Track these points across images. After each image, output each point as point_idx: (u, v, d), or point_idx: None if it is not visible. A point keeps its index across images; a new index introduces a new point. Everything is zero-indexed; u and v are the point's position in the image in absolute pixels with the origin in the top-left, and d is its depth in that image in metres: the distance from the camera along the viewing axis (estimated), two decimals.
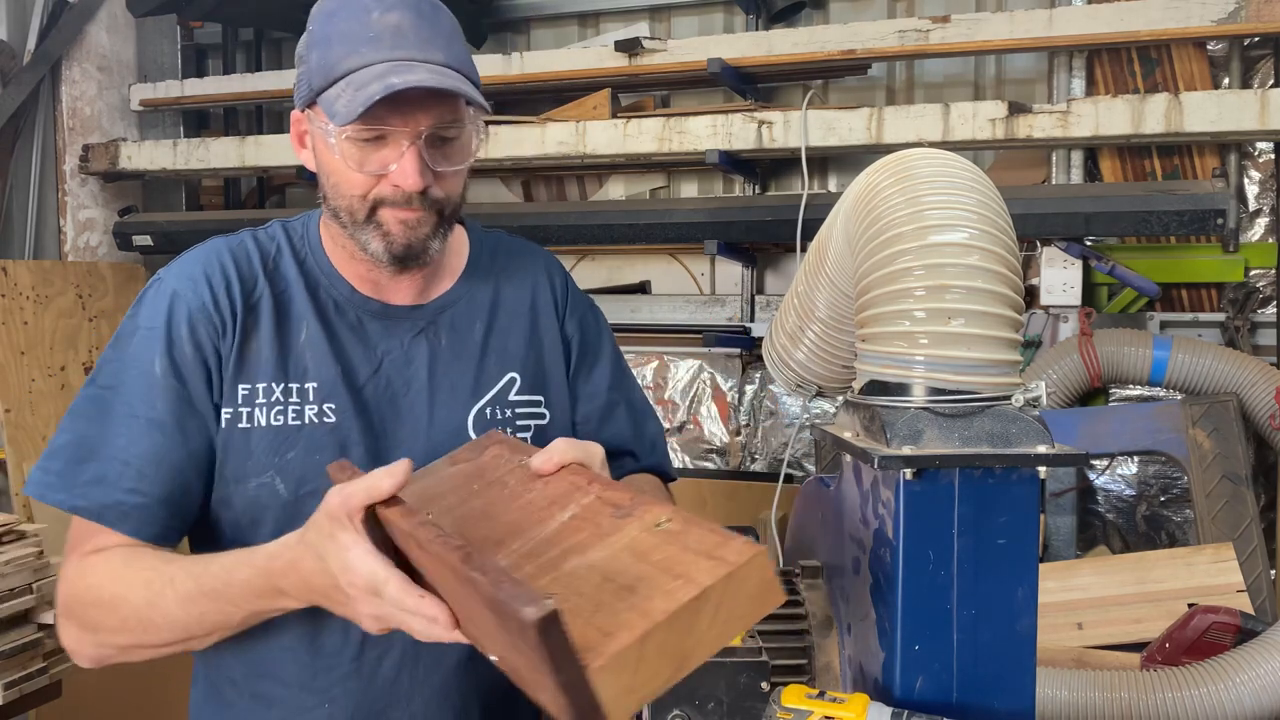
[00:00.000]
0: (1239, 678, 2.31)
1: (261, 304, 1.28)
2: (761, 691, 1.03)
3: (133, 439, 1.20)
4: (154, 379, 1.22)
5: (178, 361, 1.23)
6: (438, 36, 1.19)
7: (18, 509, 3.43)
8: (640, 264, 3.98)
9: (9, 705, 2.16)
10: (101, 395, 1.23)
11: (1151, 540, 3.41)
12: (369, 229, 1.23)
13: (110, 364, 1.25)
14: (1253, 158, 3.38)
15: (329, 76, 1.18)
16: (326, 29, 1.20)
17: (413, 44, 1.17)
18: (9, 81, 3.88)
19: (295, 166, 3.77)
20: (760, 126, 3.24)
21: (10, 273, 3.58)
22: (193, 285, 1.26)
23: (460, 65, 1.20)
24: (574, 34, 4.12)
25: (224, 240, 1.33)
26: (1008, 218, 1.14)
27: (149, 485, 1.20)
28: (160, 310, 1.25)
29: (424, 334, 1.34)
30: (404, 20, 1.17)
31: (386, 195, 1.21)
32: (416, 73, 1.14)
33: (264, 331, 1.27)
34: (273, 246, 1.33)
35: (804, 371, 1.58)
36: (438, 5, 1.23)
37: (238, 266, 1.29)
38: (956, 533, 1.02)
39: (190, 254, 1.31)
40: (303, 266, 1.32)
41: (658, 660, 0.78)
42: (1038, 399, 1.09)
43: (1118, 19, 3.03)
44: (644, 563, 0.85)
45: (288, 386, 1.26)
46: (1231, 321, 3.24)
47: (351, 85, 1.15)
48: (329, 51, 1.18)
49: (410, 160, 1.18)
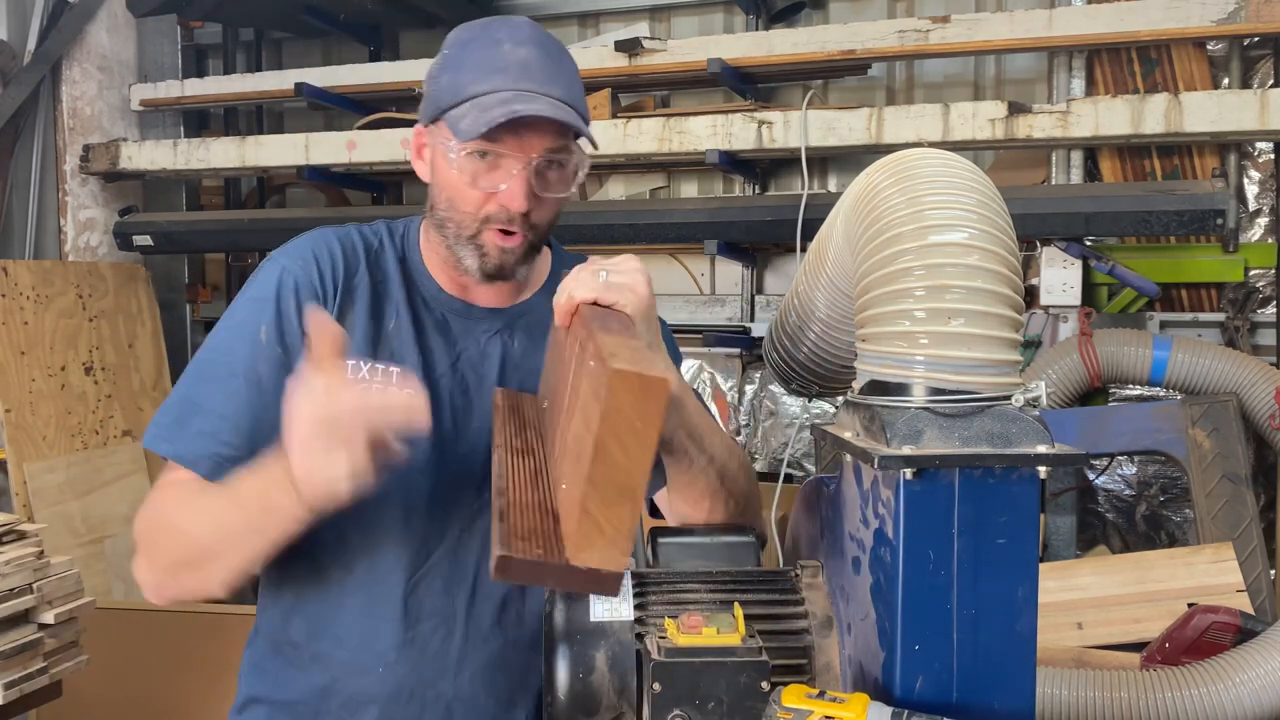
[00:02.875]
0: (1239, 678, 2.32)
1: (360, 288, 1.39)
2: (761, 691, 1.03)
3: (232, 396, 1.30)
4: (258, 344, 1.33)
5: (283, 329, 1.33)
6: (560, 75, 1.31)
7: (18, 509, 3.43)
8: None
9: (9, 705, 2.16)
10: (210, 358, 1.35)
11: (1151, 540, 3.42)
12: (469, 246, 1.34)
13: (219, 332, 1.36)
14: (1252, 158, 3.39)
15: (457, 97, 1.29)
16: (460, 55, 1.32)
17: (537, 78, 1.28)
18: (9, 81, 3.88)
19: (295, 166, 3.77)
20: (760, 126, 3.24)
21: (10, 273, 3.59)
22: (301, 263, 1.37)
23: (576, 102, 1.31)
24: (574, 34, 4.12)
25: (332, 229, 1.44)
26: (1008, 218, 1.14)
27: (243, 440, 1.29)
28: (270, 283, 1.36)
29: (500, 335, 1.44)
30: (531, 56, 1.30)
31: (493, 213, 1.32)
32: (537, 103, 1.26)
33: (359, 313, 1.38)
34: (376, 241, 1.45)
35: (804, 372, 1.58)
36: (563, 48, 1.36)
37: (344, 251, 1.40)
38: (956, 533, 1.02)
39: (301, 238, 1.43)
40: (401, 263, 1.43)
41: (609, 508, 0.87)
42: (1038, 399, 1.09)
43: (1118, 19, 3.03)
44: (584, 419, 0.92)
45: (375, 365, 1.36)
46: (1231, 321, 3.24)
47: (477, 107, 1.26)
48: (460, 75, 1.30)
49: (519, 183, 1.29)
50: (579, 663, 1.14)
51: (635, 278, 1.20)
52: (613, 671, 1.13)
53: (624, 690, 1.12)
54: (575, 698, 1.13)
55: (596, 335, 0.97)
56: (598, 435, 0.85)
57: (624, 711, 1.11)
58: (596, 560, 0.88)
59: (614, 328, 1.04)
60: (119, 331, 3.95)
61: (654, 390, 0.85)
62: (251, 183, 4.45)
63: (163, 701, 3.03)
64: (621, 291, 1.18)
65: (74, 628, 2.36)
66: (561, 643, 1.14)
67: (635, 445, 0.85)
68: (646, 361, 0.87)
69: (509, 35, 1.31)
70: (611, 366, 0.83)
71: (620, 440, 0.85)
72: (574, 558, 0.88)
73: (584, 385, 0.95)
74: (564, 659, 1.14)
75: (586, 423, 0.89)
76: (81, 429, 3.72)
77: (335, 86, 3.86)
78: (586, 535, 0.87)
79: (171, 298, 4.43)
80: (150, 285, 4.14)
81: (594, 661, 1.14)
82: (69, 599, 2.32)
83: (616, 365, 0.84)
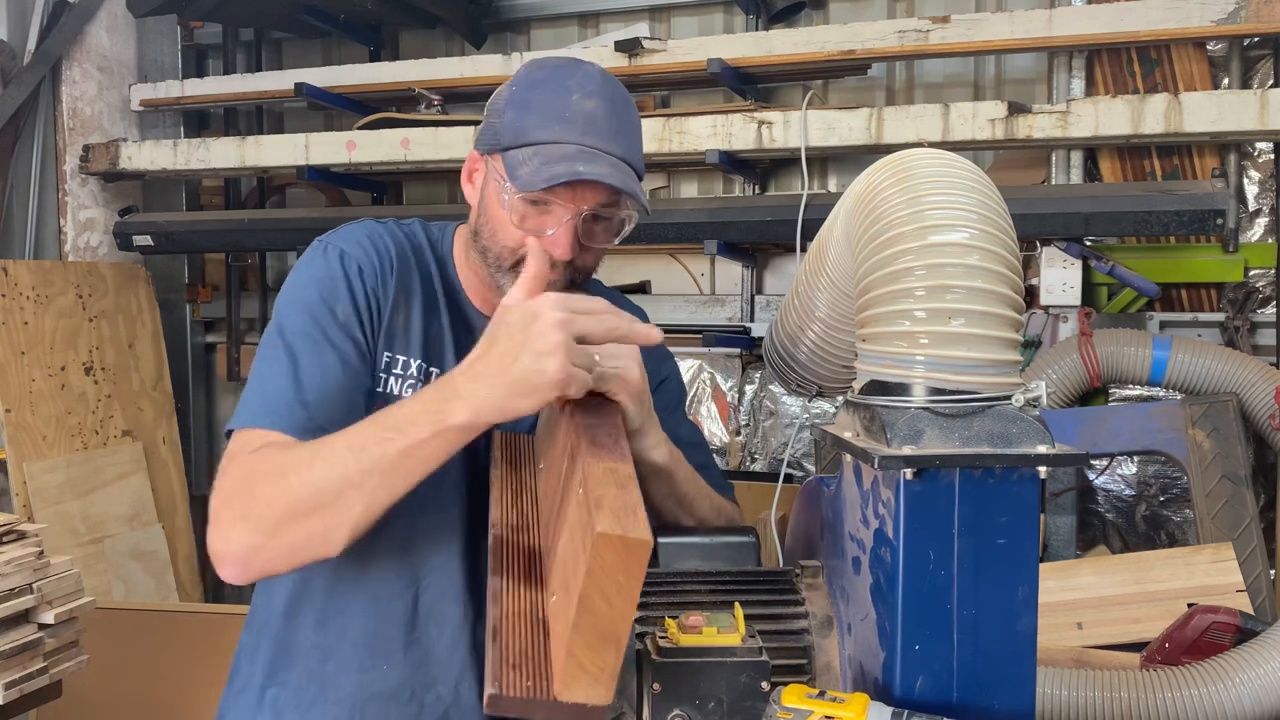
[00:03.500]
0: (1239, 678, 2.32)
1: (414, 284, 1.39)
2: (761, 691, 1.03)
3: (326, 371, 1.28)
4: (335, 320, 1.31)
5: (357, 309, 1.33)
6: (625, 130, 1.32)
7: (18, 509, 3.43)
8: (640, 264, 3.98)
9: (9, 705, 2.16)
10: (285, 340, 1.30)
11: (1151, 540, 3.42)
12: (508, 275, 1.33)
13: (287, 311, 1.32)
14: (1252, 158, 3.38)
15: (519, 139, 1.29)
16: (528, 95, 1.31)
17: (603, 133, 1.29)
18: (9, 81, 3.88)
19: (295, 167, 3.77)
20: (760, 126, 3.24)
21: (10, 273, 3.59)
22: (361, 248, 1.36)
23: (635, 161, 1.32)
24: (574, 34, 4.12)
25: (376, 221, 1.43)
26: (1008, 218, 1.14)
27: (340, 414, 1.25)
28: (333, 263, 1.35)
29: None
30: (599, 109, 1.29)
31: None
32: (599, 165, 1.26)
33: (415, 308, 1.38)
34: (417, 240, 1.44)
35: (804, 371, 1.58)
36: (629, 101, 1.35)
37: (397, 245, 1.40)
38: (957, 533, 1.02)
39: (351, 225, 1.41)
40: (440, 269, 1.44)
41: (594, 652, 0.90)
42: (1038, 399, 1.09)
43: (1117, 19, 3.03)
44: (574, 547, 0.95)
45: (421, 364, 1.36)
46: (1231, 321, 3.24)
47: (539, 156, 1.26)
48: (525, 116, 1.29)
49: (566, 233, 1.29)
50: None
51: (626, 364, 1.20)
52: None
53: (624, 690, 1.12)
54: None
55: (586, 461, 0.99)
56: (583, 589, 0.88)
57: (624, 711, 1.11)
58: (582, 696, 0.91)
59: (604, 441, 1.06)
60: (119, 331, 3.95)
61: (636, 551, 0.88)
62: (251, 183, 4.45)
63: (163, 701, 3.03)
64: (613, 381, 1.19)
65: (74, 628, 2.36)
66: None
67: (619, 597, 0.89)
68: (630, 516, 0.90)
69: (579, 85, 1.30)
70: (596, 530, 0.86)
71: (604, 593, 0.88)
72: (561, 694, 0.91)
73: (572, 516, 0.98)
74: None
75: (573, 563, 0.92)
76: (81, 429, 3.72)
77: (335, 86, 3.86)
78: (573, 675, 0.91)
79: (171, 298, 4.43)
80: (150, 285, 4.14)
81: None
82: (69, 599, 2.32)
83: (601, 528, 0.86)
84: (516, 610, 1.02)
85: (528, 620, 1.02)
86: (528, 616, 1.02)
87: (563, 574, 0.97)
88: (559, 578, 0.99)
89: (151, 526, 3.87)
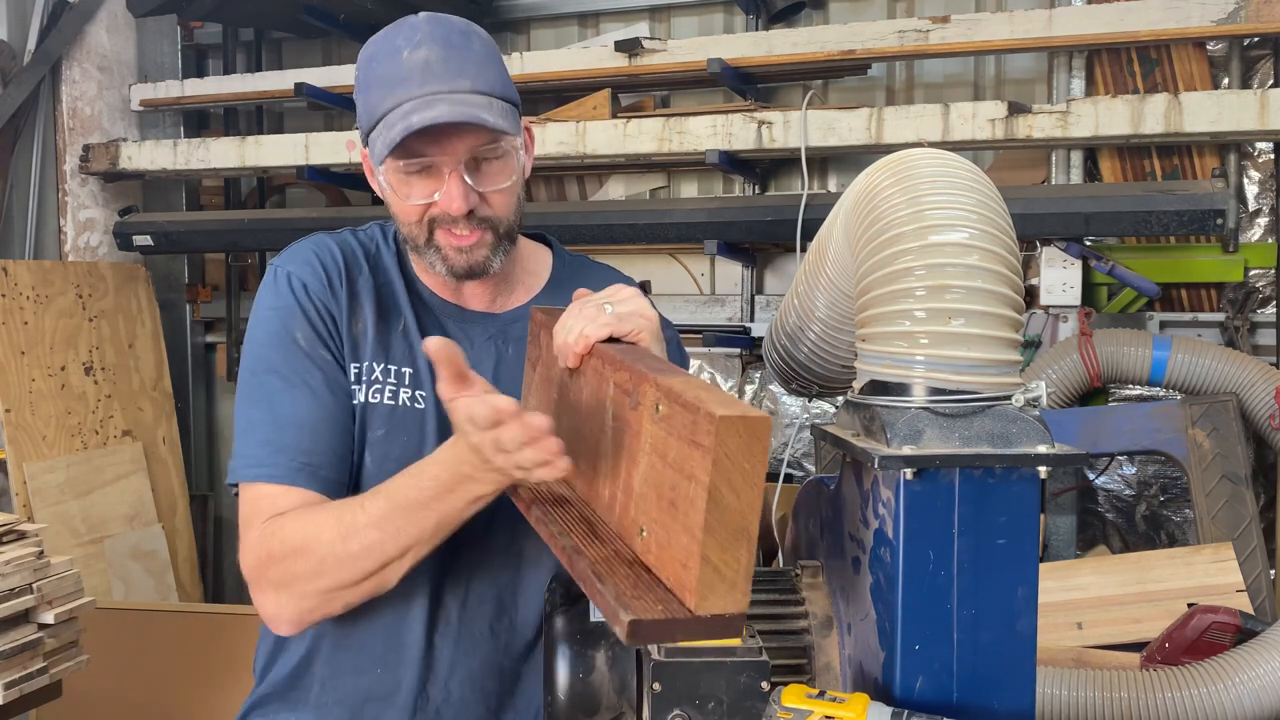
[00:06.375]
0: (1239, 678, 2.32)
1: (364, 291, 1.38)
2: (761, 691, 1.03)
3: (297, 405, 1.30)
4: (300, 350, 1.32)
5: (316, 330, 1.33)
6: (467, 65, 1.26)
7: (18, 509, 3.43)
8: (640, 264, 3.98)
9: (9, 705, 2.16)
10: (258, 379, 1.32)
11: (1151, 540, 3.42)
12: (431, 251, 1.32)
13: (255, 349, 1.34)
14: (1252, 158, 3.38)
15: (372, 119, 1.27)
16: (367, 74, 1.30)
17: (440, 77, 1.25)
18: (9, 81, 3.88)
19: (295, 167, 3.77)
20: (760, 126, 3.24)
21: (10, 273, 3.59)
22: (309, 267, 1.37)
23: (490, 89, 1.27)
24: (574, 34, 4.12)
25: (327, 234, 1.43)
26: (1008, 218, 1.14)
27: (324, 443, 1.29)
28: (284, 291, 1.35)
29: (493, 340, 1.42)
30: (431, 54, 1.25)
31: (437, 216, 1.29)
32: (435, 108, 1.22)
33: (367, 315, 1.37)
34: (372, 244, 1.44)
35: (804, 372, 1.58)
36: (469, 32, 1.30)
37: (344, 255, 1.39)
38: (957, 533, 1.02)
39: (298, 243, 1.41)
40: (399, 265, 1.43)
41: (727, 552, 0.86)
42: (1038, 399, 1.09)
43: (1117, 19, 3.03)
44: (668, 465, 0.92)
45: (387, 367, 1.36)
46: (1231, 321, 3.24)
47: (386, 126, 1.24)
48: (370, 95, 1.29)
49: (453, 186, 1.26)
50: (579, 663, 1.14)
51: (639, 304, 1.18)
52: (613, 671, 1.14)
53: (624, 690, 1.12)
54: (575, 698, 1.13)
55: (655, 379, 0.96)
56: (711, 483, 0.84)
57: (624, 711, 1.11)
58: (721, 606, 0.87)
59: (658, 366, 1.03)
60: (119, 331, 3.95)
61: (759, 430, 0.85)
62: (251, 183, 4.45)
63: (163, 701, 3.03)
64: (633, 320, 1.15)
65: (74, 628, 2.35)
66: (562, 643, 1.15)
67: (745, 487, 0.86)
68: (738, 404, 0.88)
69: (407, 39, 1.27)
70: (718, 414, 0.83)
71: (731, 484, 0.85)
72: (699, 607, 0.87)
73: (658, 431, 0.94)
74: (564, 659, 1.14)
75: (684, 470, 0.89)
76: (81, 429, 3.72)
77: (335, 86, 3.86)
78: (709, 583, 0.86)
79: (171, 298, 4.43)
80: (150, 285, 4.14)
81: (594, 661, 1.14)
82: (69, 599, 2.32)
83: (722, 412, 0.84)
84: (603, 558, 0.99)
85: (622, 562, 0.98)
86: (617, 561, 0.98)
87: (655, 503, 0.94)
88: (651, 509, 0.95)
89: (151, 526, 3.87)
